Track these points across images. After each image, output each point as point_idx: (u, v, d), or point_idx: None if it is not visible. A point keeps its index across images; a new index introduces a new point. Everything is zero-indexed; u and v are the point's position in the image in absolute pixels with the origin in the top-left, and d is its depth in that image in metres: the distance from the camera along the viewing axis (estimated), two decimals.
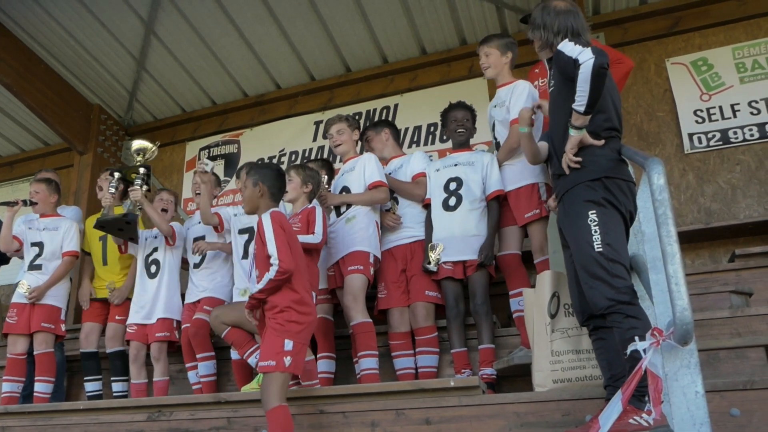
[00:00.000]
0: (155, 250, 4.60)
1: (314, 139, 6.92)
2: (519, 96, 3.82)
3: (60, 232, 4.70)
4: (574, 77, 2.55)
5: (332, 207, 4.14)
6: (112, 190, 4.53)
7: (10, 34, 6.29)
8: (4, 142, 8.05)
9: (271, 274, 3.12)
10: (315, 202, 3.93)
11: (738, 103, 5.74)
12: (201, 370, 4.27)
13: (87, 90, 7.14)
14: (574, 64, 2.55)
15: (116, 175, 4.59)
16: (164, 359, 4.37)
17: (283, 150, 7.00)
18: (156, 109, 7.48)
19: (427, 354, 3.87)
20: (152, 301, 4.45)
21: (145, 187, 4.46)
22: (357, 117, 6.81)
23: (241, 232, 4.37)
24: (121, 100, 7.35)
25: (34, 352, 4.52)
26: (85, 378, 4.65)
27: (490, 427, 2.94)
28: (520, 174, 3.84)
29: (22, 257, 4.82)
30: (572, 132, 2.62)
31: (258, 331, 3.40)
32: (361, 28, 6.35)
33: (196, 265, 4.54)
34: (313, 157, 6.86)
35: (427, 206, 4.13)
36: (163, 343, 4.39)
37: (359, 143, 4.44)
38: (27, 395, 4.58)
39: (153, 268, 4.54)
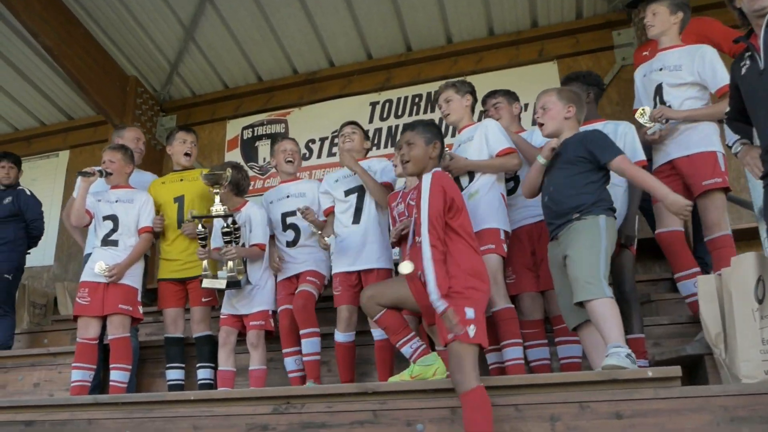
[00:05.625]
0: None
1: (371, 121, 6.55)
2: (711, 61, 3.57)
3: (136, 206, 4.24)
4: None
5: None
6: (202, 252, 3.99)
7: None
8: (24, 114, 7.46)
9: (426, 252, 2.81)
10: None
11: None
12: (306, 347, 3.90)
13: (125, 60, 6.65)
14: None
15: (200, 228, 3.98)
16: (263, 346, 3.99)
17: (336, 131, 6.58)
18: (196, 83, 7.01)
19: (569, 343, 3.56)
20: (249, 295, 4.05)
21: (235, 243, 3.96)
22: (417, 99, 6.53)
23: (349, 193, 4.04)
24: (160, 73, 6.87)
25: (109, 337, 4.07)
26: (168, 365, 4.22)
27: (694, 422, 2.65)
28: (698, 140, 3.58)
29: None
30: None
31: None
32: (431, 3, 6.01)
33: (290, 243, 4.17)
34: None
35: None
36: (261, 330, 3.99)
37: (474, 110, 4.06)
38: (95, 386, 4.14)
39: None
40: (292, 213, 4.17)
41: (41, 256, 6.89)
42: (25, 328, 6.01)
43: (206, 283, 3.99)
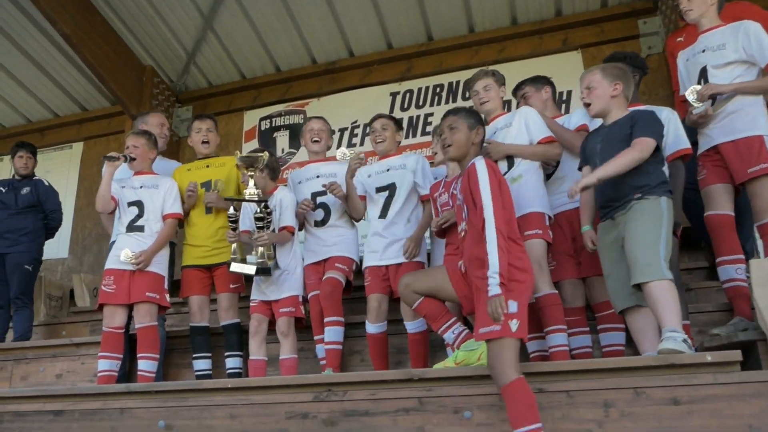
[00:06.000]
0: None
1: (391, 111, 6.44)
2: (756, 35, 3.45)
3: (161, 191, 4.14)
4: None
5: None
6: (232, 234, 3.85)
7: None
8: (37, 105, 7.38)
9: (491, 233, 2.74)
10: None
11: None
12: (329, 335, 3.81)
13: (141, 49, 6.57)
14: None
15: (232, 210, 3.86)
16: (293, 335, 3.88)
17: (356, 122, 6.52)
18: (213, 74, 6.92)
19: (612, 331, 3.48)
20: (278, 280, 3.94)
21: (267, 228, 3.85)
22: (438, 89, 6.45)
23: (380, 190, 3.98)
24: (176, 63, 6.78)
25: (136, 326, 3.98)
26: (194, 355, 4.12)
27: (753, 408, 2.57)
28: (743, 124, 3.45)
29: None
30: None
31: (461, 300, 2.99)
32: None
33: (318, 223, 4.10)
34: None
35: None
36: (292, 317, 3.89)
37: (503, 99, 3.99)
38: (120, 376, 4.04)
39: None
40: (323, 192, 4.09)
41: (56, 248, 6.81)
42: (42, 320, 5.92)
43: (234, 267, 3.87)
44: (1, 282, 5.29)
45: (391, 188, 3.94)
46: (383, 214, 3.93)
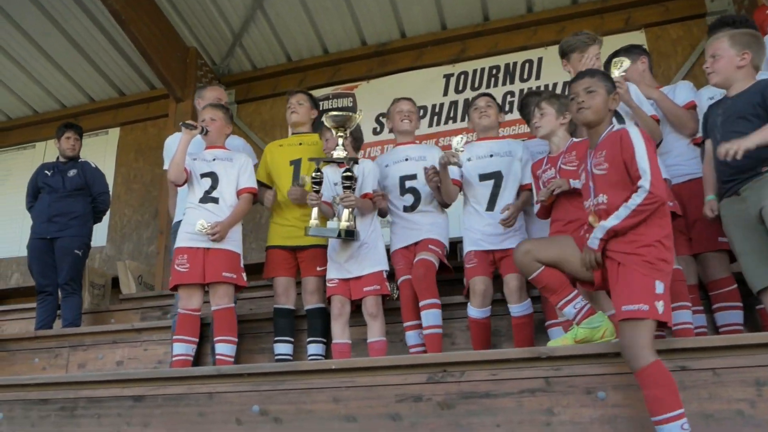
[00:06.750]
0: None
1: (445, 94, 6.27)
2: None
3: (236, 165, 3.91)
4: None
5: None
6: (314, 197, 3.64)
7: None
8: (74, 90, 7.16)
9: (637, 199, 2.53)
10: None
11: None
12: (427, 319, 3.57)
13: (185, 29, 6.36)
14: None
15: (317, 172, 3.66)
16: (382, 316, 3.65)
17: None
18: (258, 56, 6.71)
19: (729, 310, 3.29)
20: (358, 254, 3.70)
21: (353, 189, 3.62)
22: (494, 71, 6.25)
23: (483, 178, 3.73)
24: (221, 44, 6.57)
25: (213, 308, 3.74)
26: (276, 339, 3.89)
27: None
28: None
29: None
30: None
31: (591, 277, 2.76)
32: None
33: (408, 208, 3.87)
34: (445, 113, 6.22)
35: (697, 145, 3.54)
36: (379, 296, 3.67)
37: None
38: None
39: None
40: (412, 176, 3.87)
41: (93, 236, 6.56)
42: (87, 309, 5.68)
43: (313, 231, 3.62)
44: (49, 268, 5.07)
45: (497, 177, 3.69)
46: (490, 207, 3.67)
